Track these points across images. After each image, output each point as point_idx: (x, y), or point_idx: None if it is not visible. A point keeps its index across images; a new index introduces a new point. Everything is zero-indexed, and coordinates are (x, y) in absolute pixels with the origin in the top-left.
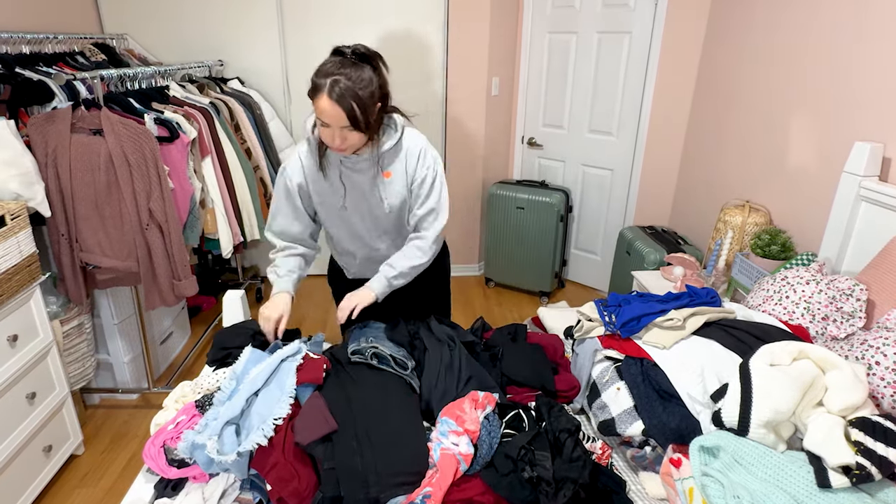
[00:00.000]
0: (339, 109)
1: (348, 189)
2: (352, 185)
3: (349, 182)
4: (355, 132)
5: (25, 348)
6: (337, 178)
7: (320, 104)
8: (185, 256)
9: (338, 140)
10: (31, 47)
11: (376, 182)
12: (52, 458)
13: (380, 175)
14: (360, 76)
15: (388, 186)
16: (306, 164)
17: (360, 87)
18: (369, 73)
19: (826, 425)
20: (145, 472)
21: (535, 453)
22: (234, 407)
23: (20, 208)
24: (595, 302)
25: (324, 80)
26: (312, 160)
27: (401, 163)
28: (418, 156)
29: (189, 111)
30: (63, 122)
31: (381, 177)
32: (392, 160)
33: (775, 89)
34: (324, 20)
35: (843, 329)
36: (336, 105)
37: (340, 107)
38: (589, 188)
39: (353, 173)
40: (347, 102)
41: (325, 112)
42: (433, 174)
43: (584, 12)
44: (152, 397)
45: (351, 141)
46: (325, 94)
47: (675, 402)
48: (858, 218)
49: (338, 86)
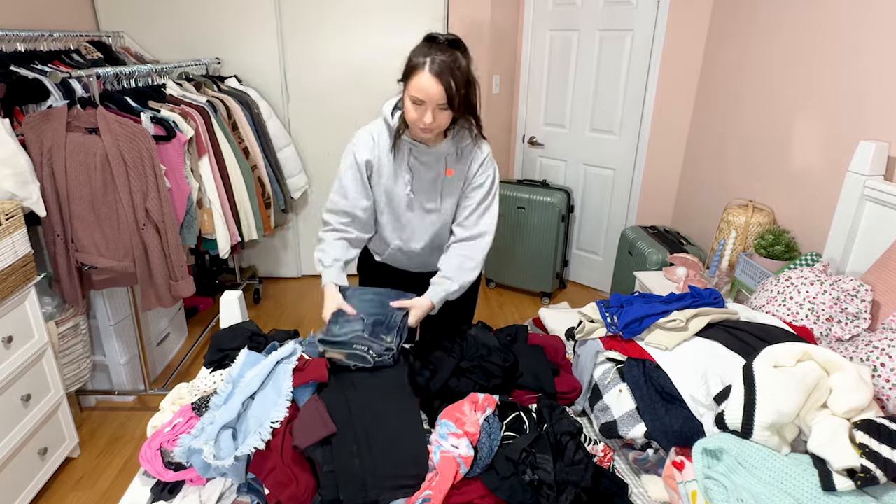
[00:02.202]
0: (438, 85)
1: (413, 178)
2: (417, 175)
3: (415, 172)
4: (446, 112)
5: (20, 350)
6: (404, 164)
7: (420, 80)
8: (181, 257)
9: (429, 118)
10: (27, 45)
11: (439, 178)
12: (47, 461)
13: (444, 172)
14: (456, 58)
15: (448, 185)
16: (379, 143)
17: (457, 66)
18: (460, 57)
19: (830, 428)
20: (142, 476)
21: (537, 456)
22: (231, 411)
23: (15, 208)
24: (597, 303)
25: (423, 59)
26: (386, 140)
27: (464, 164)
28: (483, 161)
29: (186, 110)
30: (59, 121)
31: (444, 174)
32: (458, 158)
33: (779, 87)
34: (323, 18)
35: (848, 330)
36: (436, 80)
37: (440, 82)
38: (590, 188)
39: (420, 164)
40: (447, 78)
41: (424, 88)
42: (491, 182)
43: (586, 10)
44: (149, 399)
45: (440, 121)
46: (425, 69)
47: (678, 404)
48: (863, 218)
49: (437, 62)
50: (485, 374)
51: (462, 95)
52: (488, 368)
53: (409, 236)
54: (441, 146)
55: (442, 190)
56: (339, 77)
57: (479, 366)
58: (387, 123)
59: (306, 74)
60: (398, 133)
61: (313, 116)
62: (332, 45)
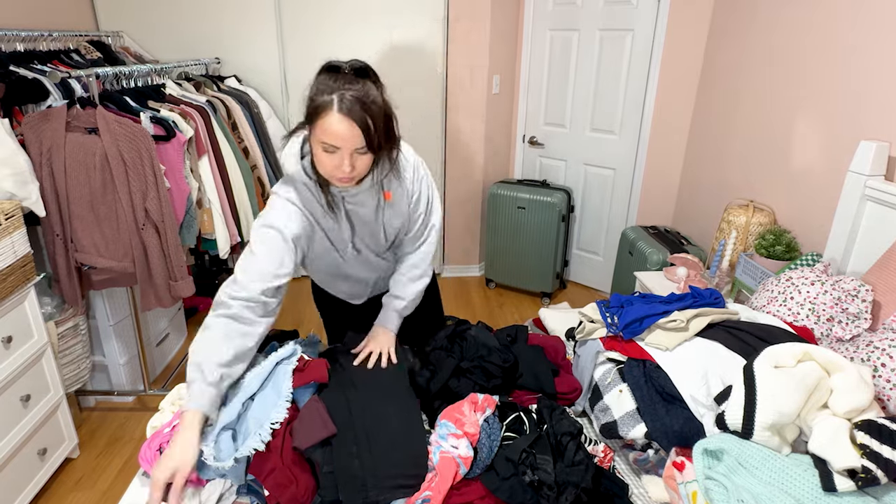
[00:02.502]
0: (352, 125)
1: (356, 226)
2: (359, 220)
3: (356, 218)
4: (366, 155)
5: (20, 350)
6: (344, 217)
7: (328, 124)
8: (181, 257)
9: (347, 166)
10: (26, 45)
11: (379, 207)
12: (46, 462)
13: (381, 198)
14: (367, 90)
15: (390, 208)
16: (307, 209)
17: (370, 100)
18: (372, 88)
19: (831, 428)
20: (141, 476)
21: (537, 457)
22: (230, 412)
23: (14, 208)
24: (597, 303)
25: (328, 97)
26: (314, 199)
27: (398, 179)
28: (413, 169)
29: (185, 110)
30: (58, 121)
31: (382, 200)
32: (390, 180)
33: (780, 87)
34: (323, 18)
35: (849, 330)
36: (348, 120)
37: (354, 121)
38: (591, 188)
39: (357, 206)
40: (361, 115)
41: (335, 132)
42: (427, 187)
43: (586, 9)
44: (148, 400)
45: (360, 167)
46: (333, 110)
47: (679, 404)
48: (864, 218)
49: (346, 99)
50: (485, 374)
51: (383, 133)
52: (488, 369)
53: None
54: (368, 180)
55: (387, 215)
56: None
57: (479, 366)
58: (300, 183)
59: (306, 74)
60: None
61: None
62: (333, 45)
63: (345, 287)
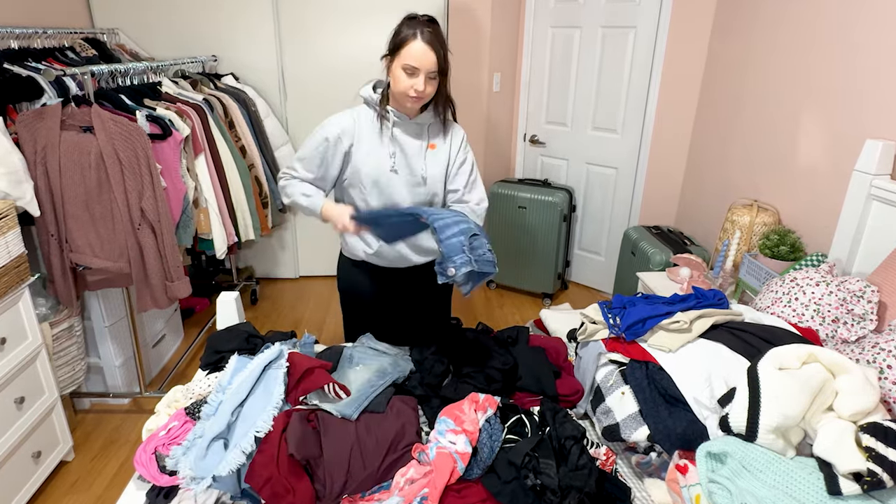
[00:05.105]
0: (431, 52)
1: (398, 151)
2: (401, 148)
3: (399, 144)
4: (435, 81)
5: (14, 352)
6: (388, 136)
7: (413, 49)
8: (177, 257)
9: (421, 85)
10: (20, 42)
11: (422, 149)
12: (41, 465)
13: (426, 144)
14: (438, 31)
15: (432, 157)
16: (362, 122)
17: (441, 37)
18: (441, 30)
19: (836, 430)
20: (136, 480)
21: (540, 461)
22: (220, 421)
23: (8, 207)
24: (599, 304)
25: (413, 30)
26: (366, 117)
27: (446, 140)
28: (462, 139)
29: (182, 108)
30: (53, 119)
31: (427, 147)
32: (437, 133)
33: (784, 85)
34: (321, 16)
35: (854, 332)
36: (429, 48)
37: (433, 49)
38: (593, 187)
39: (404, 135)
40: (437, 47)
41: (417, 56)
42: (472, 161)
43: (588, 6)
44: (144, 402)
45: (429, 90)
46: (418, 38)
47: (682, 406)
48: (870, 217)
49: (426, 33)
50: (486, 379)
51: (448, 65)
52: (489, 374)
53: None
54: (423, 117)
55: (426, 160)
56: (337, 76)
57: (481, 370)
58: (367, 102)
59: (304, 73)
60: (384, 102)
61: (311, 115)
62: (331, 44)
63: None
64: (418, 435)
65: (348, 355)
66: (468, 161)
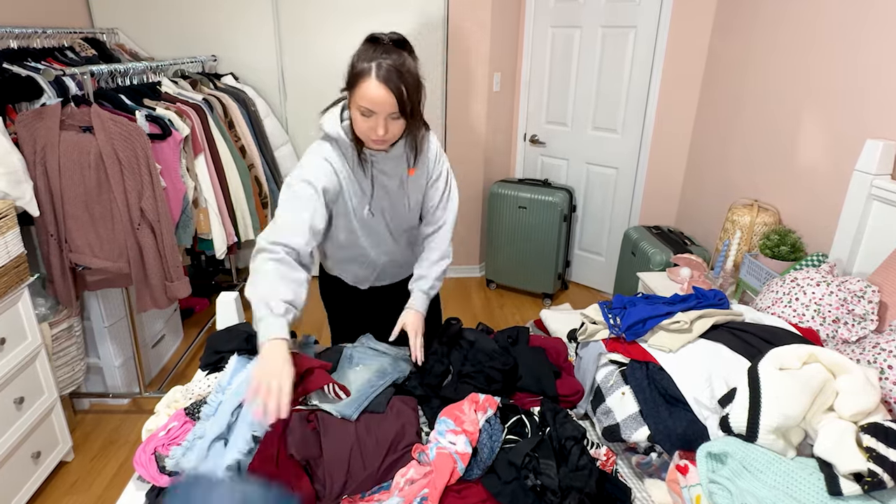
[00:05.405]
0: (387, 93)
1: (376, 190)
2: (380, 186)
3: (378, 183)
4: (399, 121)
5: (13, 352)
6: (369, 179)
7: (366, 89)
8: (177, 257)
9: (381, 130)
10: (20, 42)
11: (403, 181)
12: (40, 465)
13: (406, 173)
14: (402, 60)
15: (413, 183)
16: (337, 167)
17: (405, 70)
18: (408, 58)
19: (837, 431)
20: (136, 480)
21: (540, 461)
22: (220, 422)
23: (8, 207)
24: (599, 304)
25: (368, 64)
26: (345, 160)
27: (422, 157)
28: (436, 152)
29: (181, 108)
30: (52, 119)
31: (406, 175)
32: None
33: (784, 85)
34: (321, 16)
35: (855, 332)
36: (384, 88)
37: (389, 89)
38: (593, 187)
39: (382, 174)
40: (396, 84)
41: (372, 98)
42: (447, 174)
43: (588, 6)
44: (143, 402)
45: (393, 132)
46: (371, 77)
47: (682, 406)
48: (870, 217)
49: (384, 67)
50: (486, 379)
51: (415, 102)
52: (490, 374)
53: (390, 248)
54: (397, 149)
55: (409, 189)
56: (337, 76)
57: (481, 371)
58: (337, 142)
59: (304, 73)
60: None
61: (311, 115)
62: (331, 44)
63: (352, 267)
64: (418, 435)
65: (348, 355)
66: (442, 176)
